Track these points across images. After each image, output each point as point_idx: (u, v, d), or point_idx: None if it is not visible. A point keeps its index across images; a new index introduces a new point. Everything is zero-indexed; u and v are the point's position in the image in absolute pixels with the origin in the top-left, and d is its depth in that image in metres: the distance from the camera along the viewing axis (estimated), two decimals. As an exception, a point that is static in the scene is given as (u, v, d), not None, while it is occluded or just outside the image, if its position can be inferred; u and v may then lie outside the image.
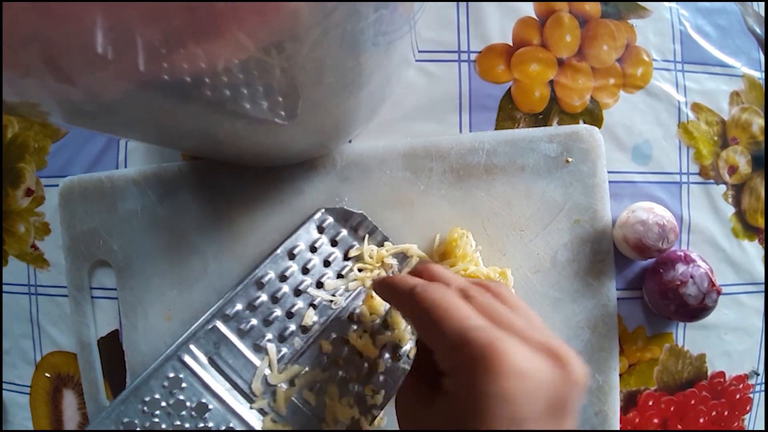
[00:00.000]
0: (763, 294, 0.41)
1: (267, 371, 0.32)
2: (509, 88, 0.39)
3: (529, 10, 0.39)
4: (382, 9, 0.20)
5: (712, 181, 0.40)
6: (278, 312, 0.33)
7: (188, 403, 0.31)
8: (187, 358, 0.31)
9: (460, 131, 0.39)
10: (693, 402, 0.40)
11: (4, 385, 0.42)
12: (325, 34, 0.18)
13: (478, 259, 0.36)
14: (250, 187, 0.37)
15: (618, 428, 0.37)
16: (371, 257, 0.35)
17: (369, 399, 0.33)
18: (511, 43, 0.39)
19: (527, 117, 0.39)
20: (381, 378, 0.34)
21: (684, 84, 0.40)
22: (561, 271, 0.37)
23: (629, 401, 0.39)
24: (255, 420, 0.32)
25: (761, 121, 0.41)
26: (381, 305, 0.34)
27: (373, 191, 0.37)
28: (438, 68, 0.39)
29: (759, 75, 0.41)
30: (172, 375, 0.31)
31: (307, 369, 0.33)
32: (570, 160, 0.37)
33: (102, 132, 0.33)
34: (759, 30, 0.41)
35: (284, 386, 0.32)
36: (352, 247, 0.35)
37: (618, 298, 0.38)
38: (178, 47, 0.15)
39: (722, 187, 0.40)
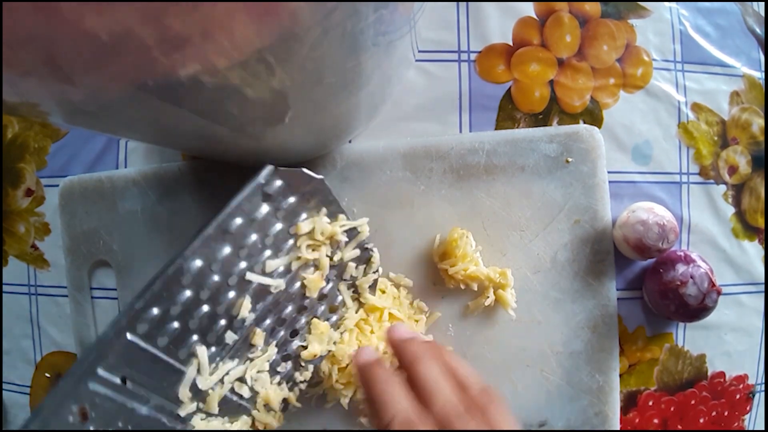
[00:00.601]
0: (763, 294, 0.41)
1: (196, 376, 0.28)
2: (509, 88, 0.39)
3: (529, 10, 0.39)
4: (382, 9, 0.20)
5: (712, 181, 0.40)
6: (207, 308, 0.28)
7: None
8: (94, 385, 0.25)
9: (460, 131, 0.39)
10: (693, 402, 0.40)
11: (4, 385, 0.42)
12: (325, 34, 0.18)
13: (478, 259, 0.36)
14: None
15: (618, 428, 0.37)
16: (322, 234, 0.30)
17: (298, 376, 0.32)
18: (511, 43, 0.39)
19: (527, 117, 0.39)
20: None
21: (684, 84, 0.40)
22: (561, 271, 0.37)
23: (629, 401, 0.39)
24: (183, 423, 0.28)
25: (761, 121, 0.41)
26: (321, 281, 0.31)
27: (373, 191, 0.37)
28: (438, 68, 0.39)
29: (759, 75, 0.41)
30: (75, 408, 0.24)
31: (237, 362, 0.29)
32: (570, 160, 0.37)
33: (102, 132, 0.33)
34: (759, 30, 0.41)
35: (215, 387, 0.29)
36: (299, 219, 0.30)
37: (618, 298, 0.38)
38: (177, 47, 0.15)
39: (722, 187, 0.40)
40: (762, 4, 0.41)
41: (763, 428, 0.41)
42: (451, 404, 0.23)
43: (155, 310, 0.26)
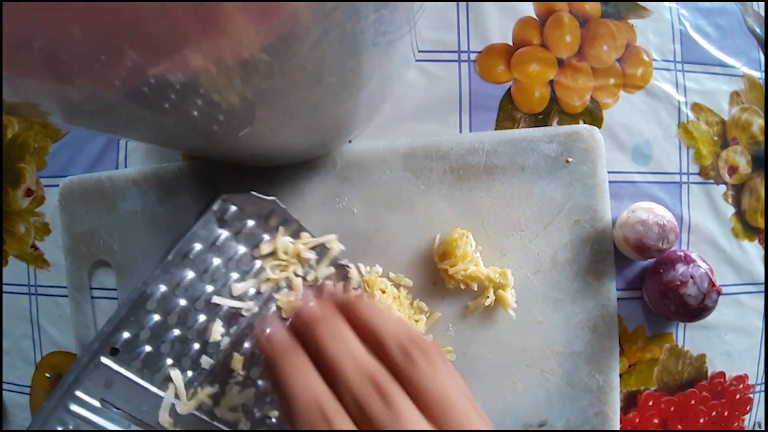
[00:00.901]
0: (763, 294, 0.41)
1: (174, 401, 0.28)
2: (509, 88, 0.39)
3: (529, 10, 0.39)
4: (382, 9, 0.20)
5: (712, 181, 0.40)
6: (177, 332, 0.28)
7: None
8: (75, 407, 0.26)
9: (460, 131, 0.39)
10: (693, 402, 0.40)
11: (4, 385, 0.42)
12: (325, 34, 0.18)
13: (478, 259, 0.36)
14: (250, 187, 0.37)
15: (618, 428, 0.37)
16: (286, 253, 0.30)
17: None
18: (511, 43, 0.39)
19: (527, 117, 0.39)
20: None
21: (684, 84, 0.40)
22: (561, 271, 0.37)
23: (629, 401, 0.39)
24: None
25: (761, 121, 0.41)
26: (297, 303, 0.30)
27: (373, 191, 0.37)
28: (438, 68, 0.39)
29: (759, 75, 0.41)
30: (60, 429, 0.26)
31: (218, 388, 0.29)
32: (570, 160, 0.37)
33: (102, 132, 0.33)
34: (759, 30, 0.41)
35: (197, 413, 0.28)
36: (261, 241, 0.30)
37: (618, 298, 0.38)
38: (178, 47, 0.15)
39: (722, 187, 0.40)
40: (762, 4, 0.41)
41: (763, 428, 0.41)
42: (356, 384, 0.20)
43: (125, 334, 0.27)
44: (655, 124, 0.40)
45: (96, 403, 0.26)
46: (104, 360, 0.27)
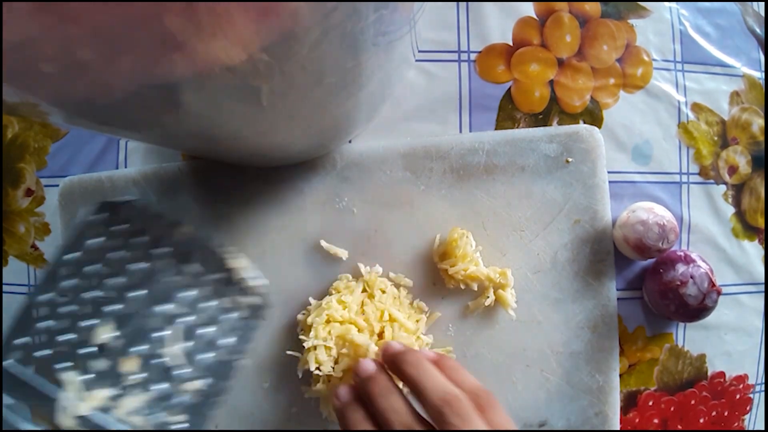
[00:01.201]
0: (763, 294, 0.41)
1: (70, 402, 0.28)
2: (509, 88, 0.39)
3: (529, 10, 0.39)
4: (382, 9, 0.20)
5: (712, 181, 0.40)
6: (69, 336, 0.29)
7: None
8: None
9: (460, 131, 0.39)
10: (693, 402, 0.40)
11: (4, 385, 0.42)
12: (325, 34, 0.18)
13: (478, 259, 0.36)
14: (249, 187, 0.37)
15: (618, 428, 0.37)
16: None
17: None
18: (511, 43, 0.39)
19: (527, 117, 0.39)
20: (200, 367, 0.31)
21: (684, 84, 0.40)
22: (561, 271, 0.37)
23: (629, 401, 0.39)
24: None
25: (761, 121, 0.41)
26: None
27: (373, 191, 0.37)
28: (438, 68, 0.39)
29: (759, 75, 0.41)
30: None
31: (117, 391, 0.29)
32: (570, 160, 0.37)
33: (102, 132, 0.33)
34: (759, 30, 0.41)
35: (96, 416, 0.28)
36: (133, 239, 0.31)
37: (618, 298, 0.38)
38: (177, 47, 0.15)
39: (722, 187, 0.40)
40: (762, 4, 0.41)
41: (763, 428, 0.41)
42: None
43: (20, 340, 0.28)
44: (655, 124, 0.40)
45: (10, 402, 0.28)
46: (5, 364, 0.28)
